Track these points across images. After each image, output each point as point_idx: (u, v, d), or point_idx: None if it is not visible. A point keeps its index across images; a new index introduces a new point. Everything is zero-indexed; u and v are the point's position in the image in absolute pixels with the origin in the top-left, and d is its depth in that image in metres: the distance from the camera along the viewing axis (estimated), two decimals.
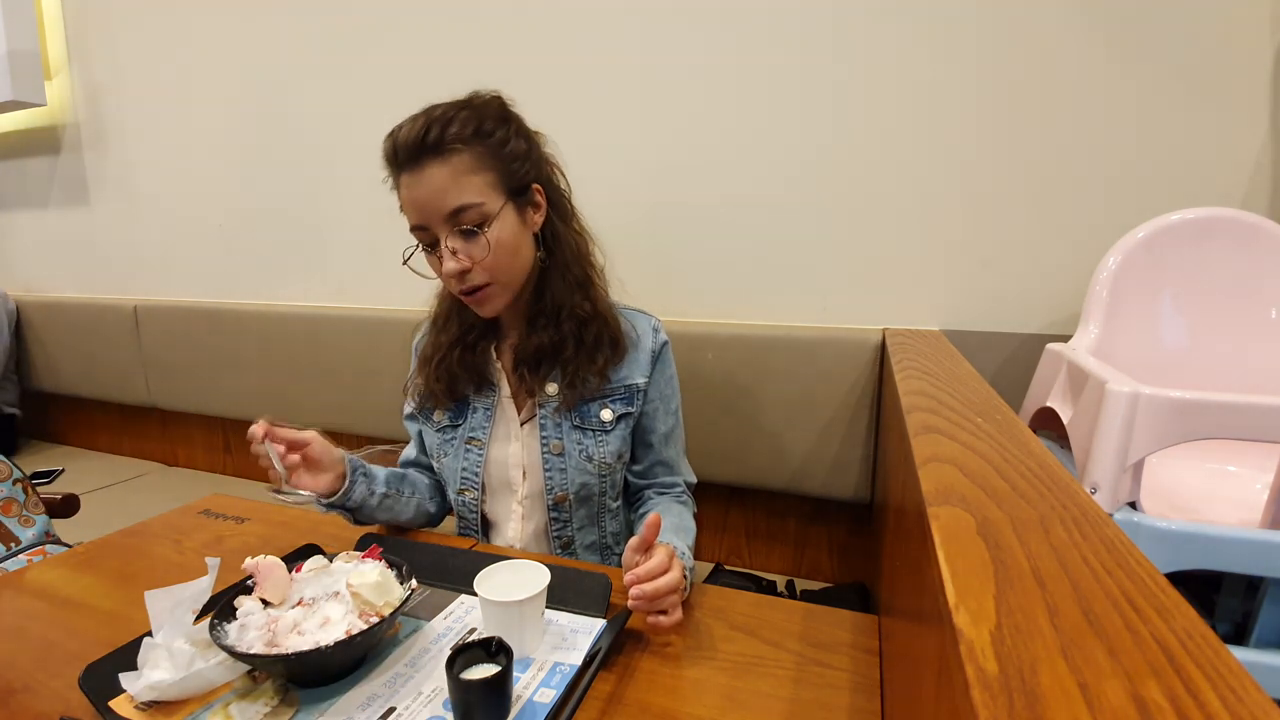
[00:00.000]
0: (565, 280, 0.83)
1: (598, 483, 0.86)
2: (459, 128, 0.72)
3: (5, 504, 1.06)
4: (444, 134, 0.72)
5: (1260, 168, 1.00)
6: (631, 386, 0.86)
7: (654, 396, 0.89)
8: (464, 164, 0.73)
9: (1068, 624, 0.27)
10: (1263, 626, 0.71)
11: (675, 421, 0.92)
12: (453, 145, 0.72)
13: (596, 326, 0.83)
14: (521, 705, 0.53)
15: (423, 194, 0.73)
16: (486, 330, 0.88)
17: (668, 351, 0.91)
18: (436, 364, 0.87)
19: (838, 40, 1.15)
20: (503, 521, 0.90)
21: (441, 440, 0.90)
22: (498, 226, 0.75)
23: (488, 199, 0.74)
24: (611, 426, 0.85)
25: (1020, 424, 0.57)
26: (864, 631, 0.65)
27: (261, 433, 0.72)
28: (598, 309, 0.84)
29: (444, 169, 0.72)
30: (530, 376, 0.84)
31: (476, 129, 0.74)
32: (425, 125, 0.72)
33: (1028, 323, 1.14)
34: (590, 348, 0.83)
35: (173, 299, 1.89)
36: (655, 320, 0.91)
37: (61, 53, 1.94)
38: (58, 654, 0.63)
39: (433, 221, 0.74)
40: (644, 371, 0.87)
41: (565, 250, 0.84)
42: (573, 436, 0.85)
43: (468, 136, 0.73)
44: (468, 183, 0.73)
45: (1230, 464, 0.92)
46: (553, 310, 0.82)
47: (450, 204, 0.73)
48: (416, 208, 0.74)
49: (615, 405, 0.86)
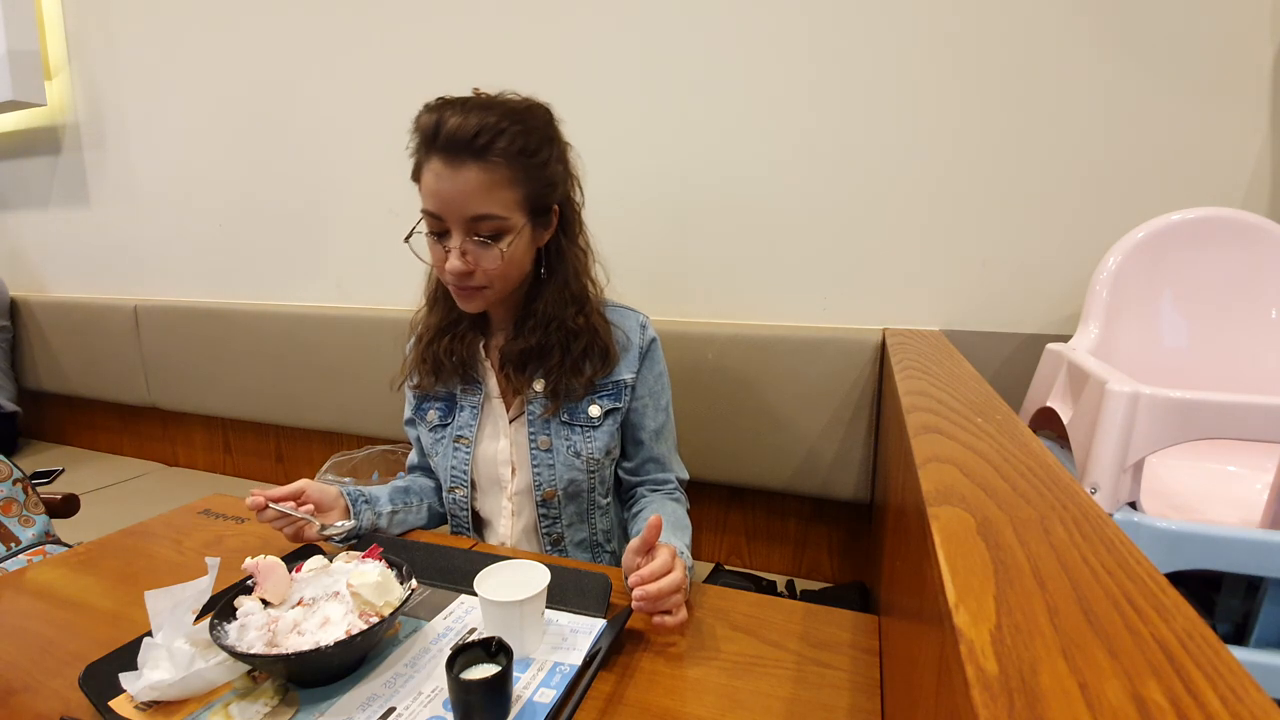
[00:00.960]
0: (561, 295, 0.83)
1: (586, 478, 0.86)
2: (507, 142, 0.72)
3: (5, 504, 1.06)
4: (492, 143, 0.71)
5: (1260, 168, 1.00)
6: (619, 383, 0.87)
7: (643, 393, 0.89)
8: (501, 177, 0.73)
9: (1068, 624, 0.27)
10: (1263, 626, 0.71)
11: (666, 418, 0.92)
12: (497, 157, 0.72)
13: (586, 339, 0.84)
14: (521, 705, 0.53)
15: (451, 190, 0.72)
16: (475, 323, 0.89)
17: (656, 348, 0.91)
18: (425, 345, 0.89)
19: (838, 40, 1.15)
20: (494, 518, 0.91)
21: (433, 440, 0.92)
22: (512, 242, 0.76)
23: (512, 215, 0.75)
24: (599, 422, 0.86)
25: (1020, 424, 0.57)
26: (864, 631, 0.65)
27: (263, 501, 0.74)
28: (590, 322, 0.85)
29: (481, 175, 0.72)
30: (516, 376, 0.85)
31: (523, 148, 0.73)
32: (477, 128, 0.70)
33: (1028, 323, 1.14)
34: (577, 358, 0.84)
35: (173, 299, 1.89)
36: (643, 317, 0.91)
37: (61, 53, 1.94)
38: (58, 654, 0.63)
39: (452, 218, 0.74)
40: (631, 368, 0.87)
41: (566, 267, 0.84)
42: (560, 432, 0.86)
43: (514, 153, 0.73)
44: (498, 196, 0.73)
45: (1230, 464, 0.92)
46: (543, 319, 0.83)
47: (476, 209, 0.73)
48: (441, 199, 0.73)
49: (603, 401, 0.86)
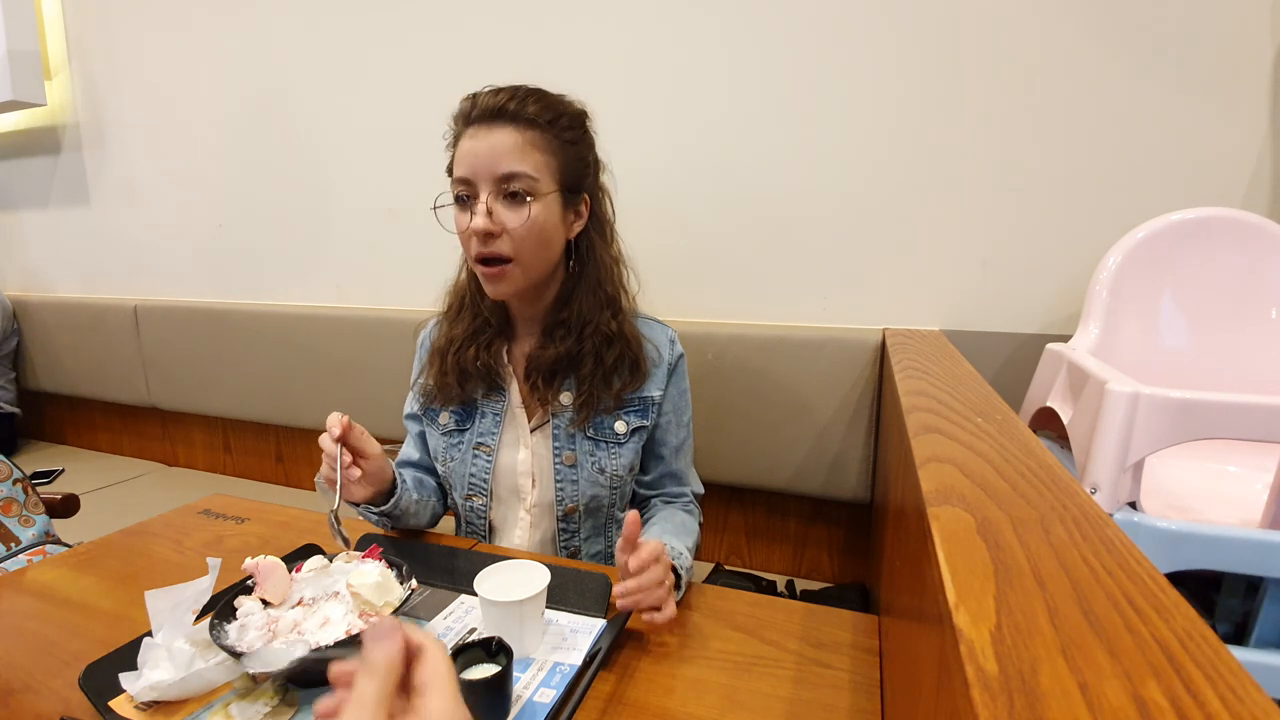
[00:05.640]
0: (595, 296, 0.82)
1: (608, 495, 0.85)
2: (539, 109, 0.75)
3: (5, 504, 1.06)
4: (524, 107, 0.74)
5: (1260, 168, 1.00)
6: (647, 399, 0.85)
7: (668, 410, 0.88)
8: (533, 140, 0.75)
9: (1068, 624, 0.27)
10: (1263, 626, 0.71)
11: (686, 434, 0.92)
12: (530, 120, 0.74)
13: (620, 347, 0.82)
14: (521, 705, 0.53)
15: (484, 148, 0.74)
16: (500, 330, 0.87)
17: (683, 364, 0.90)
18: (448, 356, 0.86)
19: (838, 40, 1.15)
20: (509, 528, 0.89)
21: (448, 444, 0.89)
22: (542, 206, 0.75)
23: (542, 178, 0.75)
24: (625, 439, 0.85)
25: (1020, 424, 0.57)
26: (864, 631, 0.65)
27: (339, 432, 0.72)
28: (623, 330, 0.83)
29: (514, 135, 0.74)
30: (544, 386, 0.82)
31: (554, 119, 0.76)
32: (511, 94, 0.75)
33: (1028, 323, 1.13)
34: (609, 368, 0.82)
35: (173, 299, 1.89)
36: (672, 332, 0.90)
37: (61, 53, 1.94)
38: (58, 654, 0.63)
39: (482, 177, 0.74)
40: (660, 385, 0.86)
41: (599, 266, 0.83)
42: (585, 448, 0.84)
43: (545, 121, 0.75)
44: (530, 155, 0.74)
45: (1230, 464, 0.92)
46: (576, 323, 0.81)
47: (506, 166, 0.74)
48: (473, 158, 0.74)
49: (630, 418, 0.85)
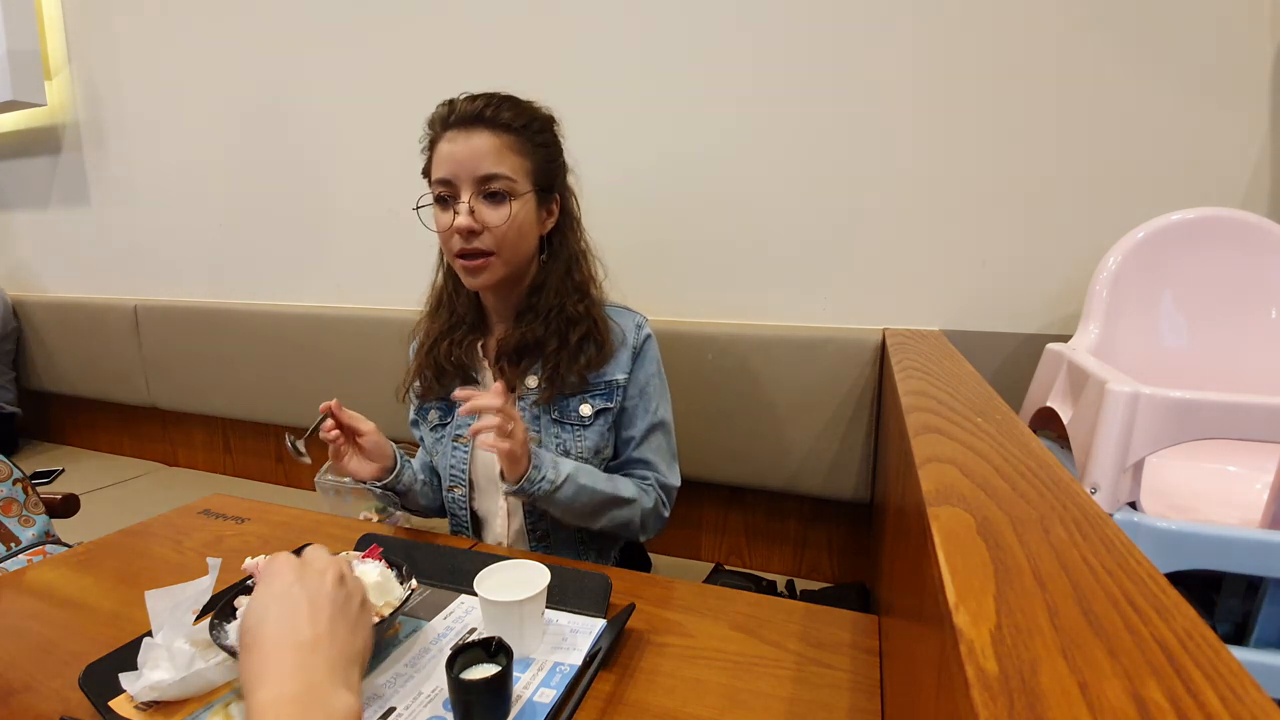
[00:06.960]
0: (564, 283, 0.86)
1: None
2: (514, 115, 0.80)
3: (5, 504, 1.06)
4: (500, 113, 0.79)
5: (1260, 168, 0.99)
6: (611, 382, 0.87)
7: (633, 393, 0.89)
8: (510, 143, 0.80)
9: (1068, 624, 0.27)
10: (1263, 626, 0.71)
11: (658, 425, 0.91)
12: (506, 125, 0.79)
13: (585, 327, 0.85)
14: (521, 705, 0.53)
15: (464, 152, 0.78)
16: (475, 324, 0.91)
17: (650, 346, 0.91)
18: (426, 352, 0.91)
19: (838, 40, 1.15)
20: (491, 518, 0.92)
21: (434, 439, 0.93)
22: (520, 204, 0.80)
23: (519, 179, 0.81)
24: (590, 421, 0.87)
25: (1020, 424, 0.57)
26: (864, 631, 0.65)
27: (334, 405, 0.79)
28: (590, 312, 0.87)
29: (492, 139, 0.79)
30: (510, 369, 0.86)
31: (528, 124, 0.82)
32: (486, 102, 0.80)
33: (1028, 323, 1.13)
34: (575, 348, 0.85)
35: (173, 299, 1.88)
36: (640, 317, 0.92)
37: (61, 53, 1.93)
38: (58, 654, 0.63)
39: (463, 179, 0.78)
40: (624, 368, 0.88)
41: (570, 257, 0.88)
42: (551, 430, 0.86)
43: (519, 126, 0.81)
44: (508, 158, 0.80)
45: (1230, 464, 0.92)
46: (545, 307, 0.85)
47: (486, 169, 0.78)
48: (453, 162, 0.79)
49: (594, 400, 0.87)
